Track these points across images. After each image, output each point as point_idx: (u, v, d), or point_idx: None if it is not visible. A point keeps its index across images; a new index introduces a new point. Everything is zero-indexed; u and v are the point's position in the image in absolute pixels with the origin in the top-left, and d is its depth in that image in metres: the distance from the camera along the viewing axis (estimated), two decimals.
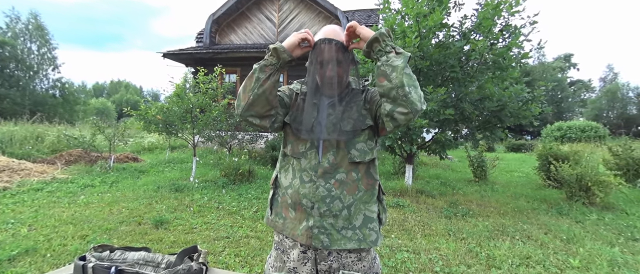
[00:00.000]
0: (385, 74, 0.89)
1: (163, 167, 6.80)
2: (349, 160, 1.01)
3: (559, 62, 34.47)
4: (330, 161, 1.01)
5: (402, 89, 0.87)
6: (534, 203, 4.43)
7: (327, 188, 1.00)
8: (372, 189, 1.06)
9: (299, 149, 1.05)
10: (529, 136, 24.82)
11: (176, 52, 9.53)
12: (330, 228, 1.00)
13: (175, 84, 5.50)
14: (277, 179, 1.13)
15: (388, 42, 0.91)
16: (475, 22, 4.08)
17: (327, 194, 1.00)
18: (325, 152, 1.02)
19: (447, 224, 3.37)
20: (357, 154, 1.02)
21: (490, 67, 4.25)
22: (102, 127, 6.55)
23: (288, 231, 1.05)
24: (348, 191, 1.01)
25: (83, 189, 4.77)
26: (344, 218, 1.01)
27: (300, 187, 1.02)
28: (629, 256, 2.61)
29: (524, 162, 10.03)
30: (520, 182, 6.30)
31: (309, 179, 1.01)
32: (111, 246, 0.99)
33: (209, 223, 3.30)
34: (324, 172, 1.00)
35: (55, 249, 2.51)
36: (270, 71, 0.94)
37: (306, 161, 1.02)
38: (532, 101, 4.31)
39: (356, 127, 1.02)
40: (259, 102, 0.95)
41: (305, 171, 1.02)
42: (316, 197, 1.00)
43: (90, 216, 3.40)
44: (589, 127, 15.41)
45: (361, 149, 1.02)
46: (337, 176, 1.01)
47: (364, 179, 1.04)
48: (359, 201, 1.03)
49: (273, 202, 1.13)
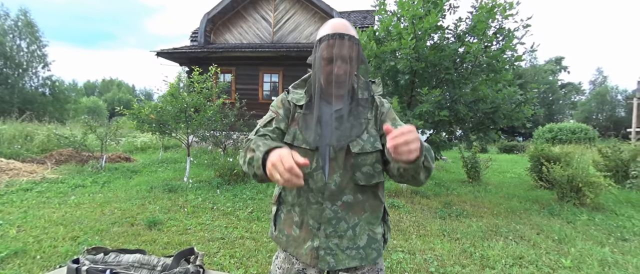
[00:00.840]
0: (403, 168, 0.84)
1: (156, 167, 6.72)
2: (353, 182, 0.98)
3: (550, 65, 35.07)
4: (337, 182, 0.97)
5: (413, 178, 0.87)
6: (526, 204, 4.49)
7: (333, 210, 0.98)
8: (377, 211, 1.04)
9: (304, 170, 1.00)
10: (521, 138, 25.19)
11: (170, 51, 9.44)
12: (335, 248, 0.99)
13: (169, 83, 5.44)
14: (281, 196, 1.09)
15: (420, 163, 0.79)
16: (470, 25, 4.12)
17: (333, 216, 0.98)
18: (331, 174, 0.98)
19: (441, 224, 3.40)
20: (362, 177, 0.98)
21: (484, 70, 4.30)
22: (94, 126, 6.45)
23: (292, 250, 1.03)
24: (354, 213, 0.99)
25: (74, 189, 4.68)
26: (349, 237, 1.00)
27: (307, 208, 0.99)
28: (618, 256, 2.66)
29: (516, 163, 10.17)
30: (513, 183, 6.38)
31: (316, 201, 0.98)
32: (105, 248, 0.97)
33: (204, 223, 3.26)
34: (330, 194, 0.98)
35: (46, 250, 2.46)
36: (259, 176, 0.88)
37: (313, 182, 0.98)
38: (525, 103, 4.37)
39: (365, 149, 0.97)
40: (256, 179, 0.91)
41: (311, 192, 0.99)
42: (323, 219, 0.98)
43: (81, 217, 3.34)
44: (579, 129, 15.70)
45: (367, 172, 0.98)
46: (344, 198, 0.98)
47: (370, 201, 1.02)
48: (364, 221, 1.01)
49: (276, 219, 1.10)
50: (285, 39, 9.82)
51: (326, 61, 0.95)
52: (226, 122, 6.87)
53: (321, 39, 0.96)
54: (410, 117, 4.04)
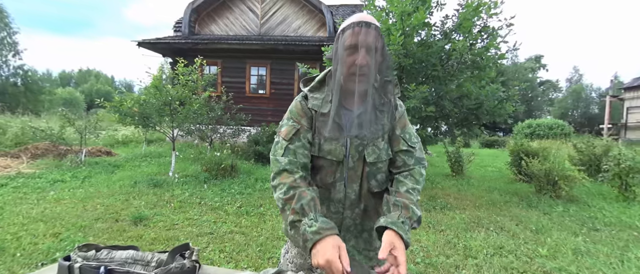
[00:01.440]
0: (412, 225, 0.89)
1: (139, 162, 6.55)
2: (368, 190, 1.00)
3: (530, 62, 36.25)
4: (356, 191, 0.99)
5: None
6: (506, 196, 4.68)
7: (352, 218, 1.02)
8: None
9: (327, 180, 1.00)
10: (501, 133, 26.05)
11: (153, 41, 9.13)
12: (352, 250, 1.02)
13: (153, 75, 5.28)
14: None
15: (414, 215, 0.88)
16: (456, 23, 4.20)
17: (352, 223, 1.02)
18: (350, 183, 0.99)
19: (427, 217, 3.50)
20: (376, 185, 1.00)
21: (469, 67, 4.41)
22: (72, 119, 6.19)
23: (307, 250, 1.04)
24: (369, 218, 1.03)
25: (52, 184, 4.51)
26: (365, 239, 1.04)
27: (327, 216, 0.96)
28: (590, 245, 2.83)
29: (497, 158, 10.54)
30: (494, 176, 6.63)
31: (336, 211, 1.01)
32: (97, 245, 0.95)
33: (191, 218, 3.23)
34: (350, 204, 1.00)
35: (26, 248, 2.37)
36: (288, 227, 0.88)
37: (335, 192, 0.99)
38: (507, 100, 4.53)
39: (380, 158, 0.97)
40: None
41: (332, 202, 1.01)
42: (343, 228, 1.01)
43: (62, 213, 3.23)
44: (556, 125, 16.39)
45: (380, 179, 1.01)
46: (361, 205, 1.01)
47: (380, 205, 1.03)
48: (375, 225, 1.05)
49: None
50: (272, 31, 9.69)
51: (350, 51, 0.86)
52: (212, 115, 6.75)
53: (344, 28, 0.89)
54: None
